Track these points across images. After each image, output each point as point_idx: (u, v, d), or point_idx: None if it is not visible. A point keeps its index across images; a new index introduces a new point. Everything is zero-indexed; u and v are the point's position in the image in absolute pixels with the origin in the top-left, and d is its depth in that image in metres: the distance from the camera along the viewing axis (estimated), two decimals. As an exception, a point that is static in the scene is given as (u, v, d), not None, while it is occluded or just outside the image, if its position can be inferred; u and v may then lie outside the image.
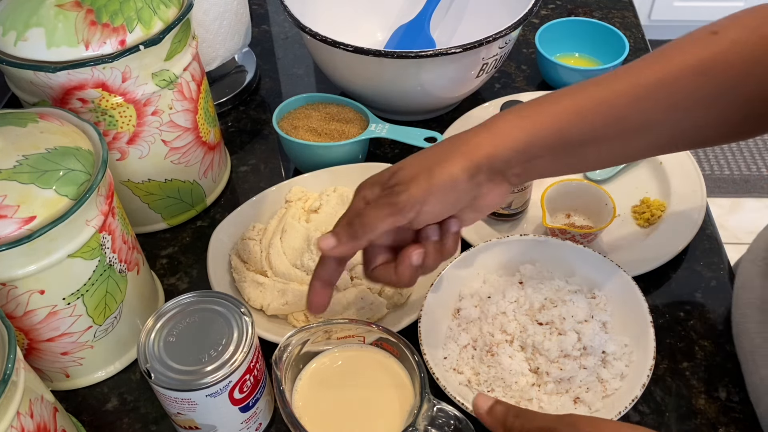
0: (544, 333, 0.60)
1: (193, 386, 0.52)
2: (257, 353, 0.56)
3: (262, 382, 0.58)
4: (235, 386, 0.54)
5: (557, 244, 0.67)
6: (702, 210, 0.77)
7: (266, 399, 0.60)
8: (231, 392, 0.54)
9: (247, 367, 0.54)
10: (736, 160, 2.23)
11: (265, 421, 0.61)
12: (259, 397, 0.58)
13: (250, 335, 0.54)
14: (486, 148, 0.53)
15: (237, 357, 0.53)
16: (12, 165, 0.53)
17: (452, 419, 0.51)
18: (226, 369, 0.52)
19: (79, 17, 0.62)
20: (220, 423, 0.56)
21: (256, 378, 0.56)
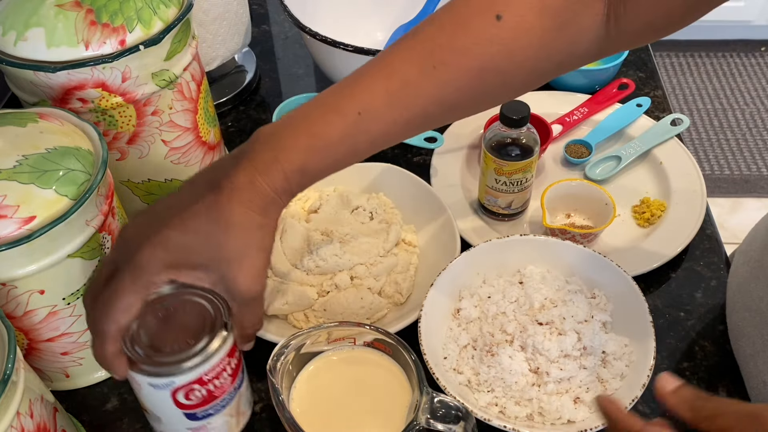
0: (544, 333, 0.60)
1: (136, 368, 0.49)
2: (223, 370, 0.51)
3: (221, 400, 0.53)
4: (179, 389, 0.50)
5: (557, 244, 0.67)
6: (702, 210, 0.77)
7: (225, 418, 0.55)
8: (174, 393, 0.50)
9: (197, 378, 0.50)
10: (736, 160, 2.23)
11: None
12: (212, 413, 0.53)
13: (214, 349, 0.50)
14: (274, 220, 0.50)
15: (189, 363, 0.49)
16: (12, 165, 0.53)
17: (453, 409, 0.51)
18: (172, 369, 0.49)
19: (79, 17, 0.62)
20: (165, 419, 0.53)
21: (210, 393, 0.52)
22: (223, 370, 0.52)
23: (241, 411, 0.57)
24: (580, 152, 0.86)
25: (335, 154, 0.50)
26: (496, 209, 0.78)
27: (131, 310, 0.48)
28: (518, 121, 0.72)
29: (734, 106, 2.40)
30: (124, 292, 0.47)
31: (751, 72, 2.53)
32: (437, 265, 0.67)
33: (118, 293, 0.47)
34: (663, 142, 0.86)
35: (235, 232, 0.48)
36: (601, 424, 0.55)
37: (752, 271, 0.64)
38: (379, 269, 0.70)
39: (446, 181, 0.83)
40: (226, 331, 0.51)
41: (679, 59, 2.59)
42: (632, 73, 0.99)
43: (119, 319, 0.47)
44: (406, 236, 0.75)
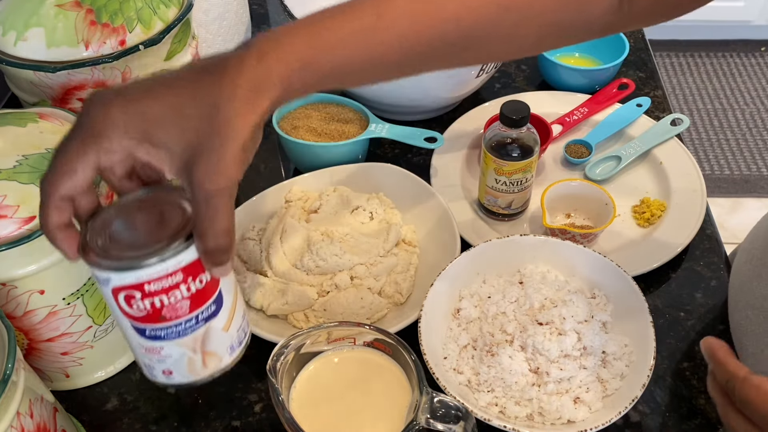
0: (544, 333, 0.60)
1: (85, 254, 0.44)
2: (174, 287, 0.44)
3: (174, 324, 0.46)
4: (119, 290, 0.44)
5: (557, 244, 0.67)
6: (702, 210, 0.77)
7: (182, 350, 0.47)
8: (115, 294, 0.44)
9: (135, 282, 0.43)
10: (736, 160, 2.23)
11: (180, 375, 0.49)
12: (163, 337, 0.46)
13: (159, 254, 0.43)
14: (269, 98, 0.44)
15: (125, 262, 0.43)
16: (12, 165, 0.53)
17: (453, 409, 0.51)
18: (109, 262, 0.43)
19: (79, 17, 0.62)
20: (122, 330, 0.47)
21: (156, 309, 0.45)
22: (175, 288, 0.44)
23: (210, 351, 0.49)
24: (580, 152, 0.86)
25: (347, 50, 0.46)
26: (496, 209, 0.78)
27: (76, 175, 0.42)
28: (518, 121, 0.72)
29: (734, 106, 2.40)
30: (70, 154, 0.42)
31: (751, 72, 2.52)
32: (437, 265, 0.67)
33: (63, 155, 0.42)
34: (663, 142, 0.86)
35: (209, 113, 0.42)
36: (607, 421, 0.55)
37: (755, 270, 0.64)
38: (379, 269, 0.70)
39: (446, 181, 0.83)
40: (183, 239, 0.43)
41: (679, 59, 2.59)
42: (632, 73, 0.99)
43: (60, 182, 0.42)
44: (406, 236, 0.75)
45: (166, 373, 0.49)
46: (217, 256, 0.44)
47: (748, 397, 0.44)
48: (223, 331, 0.49)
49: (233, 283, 0.49)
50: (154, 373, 0.49)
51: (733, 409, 0.45)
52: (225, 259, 0.44)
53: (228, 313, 0.49)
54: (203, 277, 0.45)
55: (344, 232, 0.71)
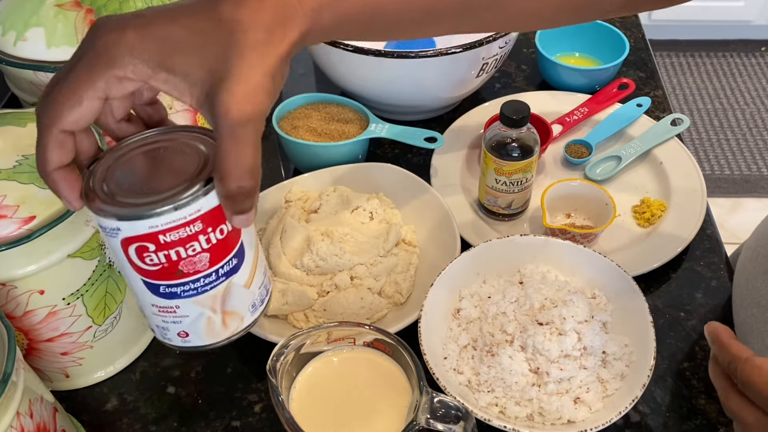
0: (544, 333, 0.60)
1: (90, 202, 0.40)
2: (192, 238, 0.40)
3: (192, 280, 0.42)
4: (130, 242, 0.39)
5: (557, 244, 0.67)
6: (702, 210, 0.77)
7: (200, 310, 0.43)
8: (125, 246, 0.40)
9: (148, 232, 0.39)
10: (737, 160, 2.23)
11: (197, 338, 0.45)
12: (180, 294, 0.42)
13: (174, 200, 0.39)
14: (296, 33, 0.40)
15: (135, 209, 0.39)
16: (12, 165, 0.53)
17: (453, 409, 0.51)
18: (120, 210, 0.39)
19: (79, 17, 0.62)
20: (133, 289, 0.43)
21: (172, 262, 0.40)
22: (193, 239, 0.40)
23: (232, 311, 0.45)
24: (580, 152, 0.86)
25: None
26: (496, 209, 0.78)
27: (81, 106, 0.38)
28: (518, 121, 0.72)
29: (734, 106, 2.40)
30: (74, 81, 0.38)
31: (751, 72, 2.52)
32: (437, 265, 0.67)
33: (68, 82, 0.38)
34: (663, 142, 0.86)
35: (235, 39, 0.38)
36: (607, 421, 0.55)
37: (760, 267, 0.64)
38: (379, 269, 0.70)
39: (446, 181, 0.83)
40: (202, 185, 0.39)
41: (679, 59, 2.59)
42: (632, 73, 0.99)
43: (62, 113, 0.38)
44: (406, 236, 0.75)
45: (182, 335, 0.45)
46: (240, 201, 0.39)
47: (750, 378, 0.44)
48: (244, 288, 0.44)
49: (254, 234, 0.45)
50: (168, 335, 0.45)
51: (735, 392, 0.45)
52: (249, 205, 0.40)
53: (250, 267, 0.44)
54: (224, 227, 0.41)
55: (344, 232, 0.71)
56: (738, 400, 0.45)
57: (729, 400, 0.46)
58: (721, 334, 0.47)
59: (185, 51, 0.38)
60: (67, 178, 0.40)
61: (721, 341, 0.47)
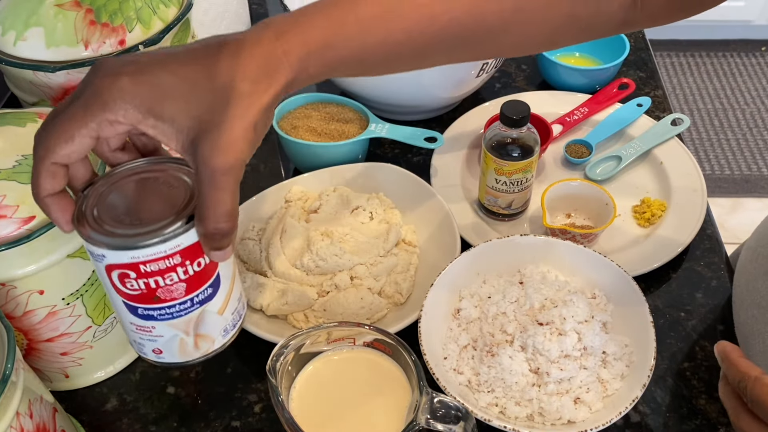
0: (544, 333, 0.60)
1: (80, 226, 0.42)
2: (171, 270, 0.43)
3: (168, 306, 0.45)
4: (113, 268, 0.42)
5: (557, 244, 0.67)
6: (702, 210, 0.77)
7: (174, 332, 0.46)
8: (108, 271, 0.43)
9: (130, 262, 0.42)
10: (737, 160, 2.23)
11: (170, 355, 0.48)
12: (156, 317, 0.45)
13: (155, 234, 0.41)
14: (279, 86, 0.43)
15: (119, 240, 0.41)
16: (11, 165, 0.53)
17: (453, 409, 0.51)
18: (105, 239, 0.41)
19: (79, 17, 0.62)
20: (114, 306, 0.46)
21: (151, 289, 0.43)
22: (171, 270, 0.43)
23: (203, 334, 0.48)
24: (581, 152, 0.86)
25: (365, 36, 0.45)
26: (496, 209, 0.78)
27: (73, 143, 0.40)
28: (518, 121, 0.72)
29: (734, 106, 2.40)
30: (69, 119, 0.40)
31: (751, 72, 2.52)
32: (437, 265, 0.67)
33: (62, 120, 0.40)
34: (663, 141, 0.86)
35: (222, 89, 0.40)
36: (607, 421, 0.55)
37: (761, 268, 0.64)
38: (379, 269, 0.70)
39: (446, 181, 0.83)
40: (184, 222, 0.42)
41: (679, 59, 2.59)
42: (632, 72, 0.99)
43: (56, 147, 0.40)
44: (406, 236, 0.75)
45: (156, 352, 0.48)
46: (217, 240, 0.42)
47: (760, 397, 0.44)
48: (217, 315, 0.47)
49: (232, 264, 0.48)
50: (144, 350, 0.48)
51: (745, 411, 0.45)
52: (226, 243, 0.43)
53: (224, 296, 0.47)
54: (202, 261, 0.44)
55: (344, 232, 0.71)
56: (748, 420, 0.45)
57: (739, 420, 0.46)
58: (731, 353, 0.47)
59: (174, 98, 0.40)
60: (59, 203, 0.42)
61: (730, 360, 0.46)
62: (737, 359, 0.46)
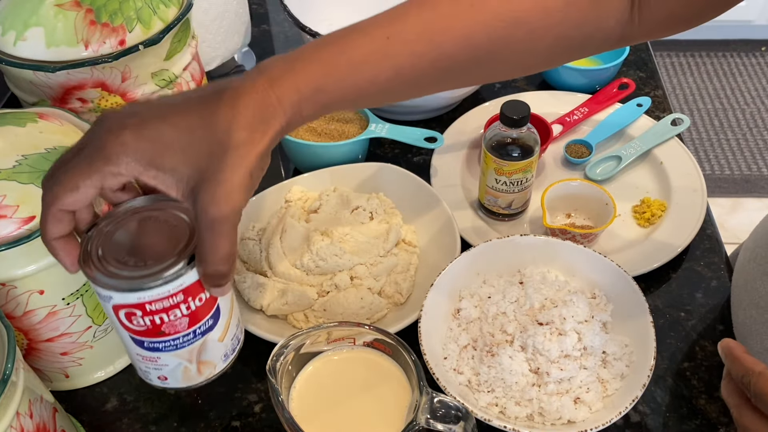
0: (544, 333, 0.60)
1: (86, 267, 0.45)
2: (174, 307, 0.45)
3: (172, 338, 0.47)
4: (120, 307, 0.45)
5: (557, 244, 0.67)
6: (702, 210, 0.77)
7: (178, 361, 0.49)
8: (115, 310, 0.45)
9: (137, 302, 0.44)
10: (737, 160, 2.23)
11: (175, 381, 0.51)
12: (161, 349, 0.48)
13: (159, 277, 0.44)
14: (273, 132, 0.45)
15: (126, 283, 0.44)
16: (11, 165, 0.53)
17: (453, 409, 0.51)
18: (111, 281, 0.44)
19: (79, 17, 0.62)
20: (120, 337, 0.49)
21: (156, 325, 0.46)
22: (175, 307, 0.46)
23: (206, 361, 0.51)
24: (581, 152, 0.86)
25: (357, 77, 0.47)
26: (496, 209, 0.78)
27: (77, 193, 0.43)
28: (518, 121, 0.72)
29: (734, 106, 2.40)
30: (74, 170, 0.42)
31: (751, 72, 2.52)
32: (437, 265, 0.67)
33: (68, 170, 0.43)
34: (663, 141, 0.86)
35: (218, 139, 0.42)
36: (607, 421, 0.55)
37: (759, 268, 0.64)
38: (379, 269, 0.70)
39: (446, 181, 0.83)
40: (185, 263, 0.44)
41: (679, 59, 2.59)
42: (632, 72, 0.99)
43: (62, 196, 0.42)
44: (406, 236, 0.75)
45: (161, 378, 0.51)
46: (217, 280, 0.45)
47: (763, 391, 0.44)
48: (218, 342, 0.51)
49: (230, 293, 0.50)
50: (150, 377, 0.51)
51: (748, 408, 0.46)
52: (224, 282, 0.45)
53: (224, 325, 0.50)
54: (203, 296, 0.47)
55: (344, 232, 0.71)
56: (751, 415, 0.45)
57: (742, 416, 0.46)
58: (734, 349, 0.47)
59: (174, 150, 0.42)
60: (65, 246, 0.45)
61: (734, 355, 0.47)
62: (741, 355, 0.47)
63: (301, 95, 0.45)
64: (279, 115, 0.44)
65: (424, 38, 0.48)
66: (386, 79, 0.48)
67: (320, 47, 0.47)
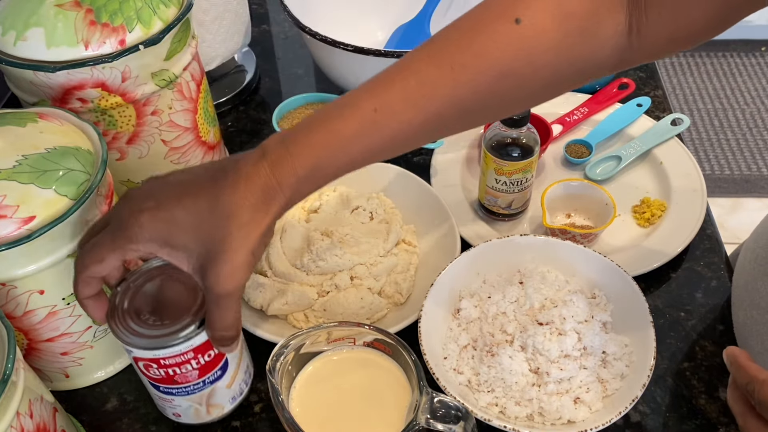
0: (544, 333, 0.60)
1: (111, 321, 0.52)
2: (186, 362, 0.54)
3: (184, 386, 0.56)
4: (138, 360, 0.53)
5: (557, 244, 0.67)
6: (702, 210, 0.77)
7: (190, 404, 0.58)
8: (136, 361, 0.54)
9: (153, 358, 0.52)
10: (737, 160, 2.23)
11: (187, 419, 0.60)
12: (175, 394, 0.56)
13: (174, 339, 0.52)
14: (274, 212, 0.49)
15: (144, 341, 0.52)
16: (12, 165, 0.53)
17: (453, 409, 0.51)
18: (131, 339, 0.52)
19: (79, 17, 0.62)
20: (142, 379, 0.57)
21: (170, 376, 0.54)
22: (186, 362, 0.53)
23: (214, 404, 0.59)
24: (580, 152, 0.86)
25: (350, 151, 0.49)
26: (496, 209, 0.78)
27: (103, 264, 0.49)
28: (518, 121, 0.72)
29: (734, 106, 2.40)
30: (101, 245, 0.49)
31: (751, 72, 2.53)
32: (437, 265, 0.67)
33: (96, 244, 0.49)
34: (663, 142, 0.86)
35: (223, 221, 0.47)
36: (607, 421, 0.55)
37: (760, 269, 0.64)
38: (379, 269, 0.70)
39: (446, 181, 0.83)
40: (196, 327, 0.52)
41: (679, 59, 2.59)
42: (632, 72, 0.99)
43: (90, 266, 0.49)
44: (406, 236, 0.75)
45: (176, 415, 0.60)
46: (224, 342, 0.52)
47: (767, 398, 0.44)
48: (226, 388, 0.58)
49: (239, 348, 0.58)
50: (166, 412, 0.60)
51: (753, 415, 0.46)
52: (230, 343, 0.52)
53: (232, 374, 0.58)
54: (212, 352, 0.54)
55: (344, 232, 0.71)
56: (756, 423, 0.45)
57: (747, 424, 0.46)
58: (739, 357, 0.47)
59: (185, 230, 0.48)
60: (95, 304, 0.52)
61: (739, 363, 0.47)
62: (746, 362, 0.47)
63: (298, 177, 0.48)
64: (279, 197, 0.49)
65: (410, 106, 0.49)
66: (379, 148, 0.50)
67: (313, 129, 0.49)
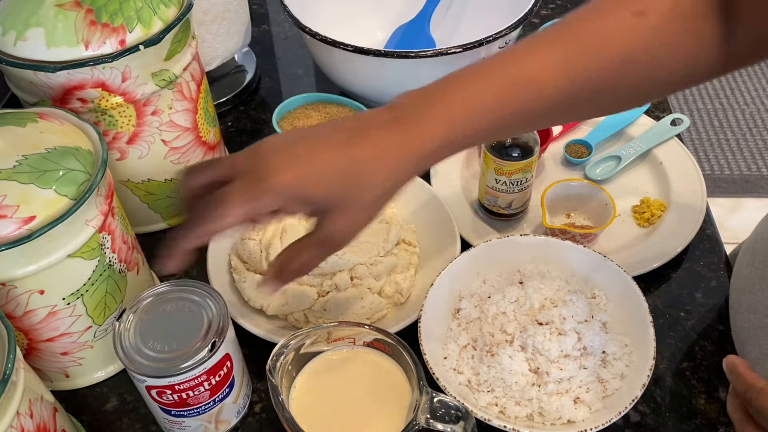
0: (544, 333, 0.60)
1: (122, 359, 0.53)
2: (199, 385, 0.54)
3: (196, 408, 0.57)
4: (152, 388, 0.54)
5: (557, 244, 0.67)
6: (702, 210, 0.77)
7: (200, 423, 0.58)
8: (149, 390, 0.54)
9: (168, 384, 0.53)
10: (737, 160, 2.23)
11: None
12: (186, 416, 0.57)
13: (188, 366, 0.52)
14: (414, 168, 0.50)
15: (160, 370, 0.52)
16: (12, 165, 0.53)
17: (453, 409, 0.51)
18: (145, 369, 0.52)
19: (79, 17, 0.62)
20: (150, 406, 0.58)
21: (183, 400, 0.55)
22: (200, 385, 0.54)
23: (222, 420, 0.60)
24: (580, 152, 0.86)
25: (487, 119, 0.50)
26: (496, 209, 0.78)
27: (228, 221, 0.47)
28: (518, 121, 0.72)
29: (734, 106, 2.40)
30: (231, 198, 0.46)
31: (751, 72, 2.52)
32: (437, 265, 0.67)
33: (224, 199, 0.46)
34: (663, 142, 0.86)
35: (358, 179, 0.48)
36: (607, 421, 0.55)
37: (758, 272, 0.64)
38: (379, 269, 0.70)
39: (446, 181, 0.83)
40: (208, 350, 0.53)
41: (679, 59, 2.58)
42: (632, 73, 0.99)
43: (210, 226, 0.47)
44: (406, 236, 0.75)
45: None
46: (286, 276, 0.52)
47: (764, 406, 0.44)
48: (233, 404, 0.60)
49: (241, 360, 0.59)
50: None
51: (751, 423, 0.46)
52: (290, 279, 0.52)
53: (238, 389, 0.60)
54: (222, 372, 0.55)
55: (344, 232, 0.71)
56: (754, 431, 0.46)
57: (745, 431, 0.46)
58: (738, 366, 0.48)
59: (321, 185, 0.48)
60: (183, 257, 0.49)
61: (737, 371, 0.47)
62: (744, 371, 0.47)
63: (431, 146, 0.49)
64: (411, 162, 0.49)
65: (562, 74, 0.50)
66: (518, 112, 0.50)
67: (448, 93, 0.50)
